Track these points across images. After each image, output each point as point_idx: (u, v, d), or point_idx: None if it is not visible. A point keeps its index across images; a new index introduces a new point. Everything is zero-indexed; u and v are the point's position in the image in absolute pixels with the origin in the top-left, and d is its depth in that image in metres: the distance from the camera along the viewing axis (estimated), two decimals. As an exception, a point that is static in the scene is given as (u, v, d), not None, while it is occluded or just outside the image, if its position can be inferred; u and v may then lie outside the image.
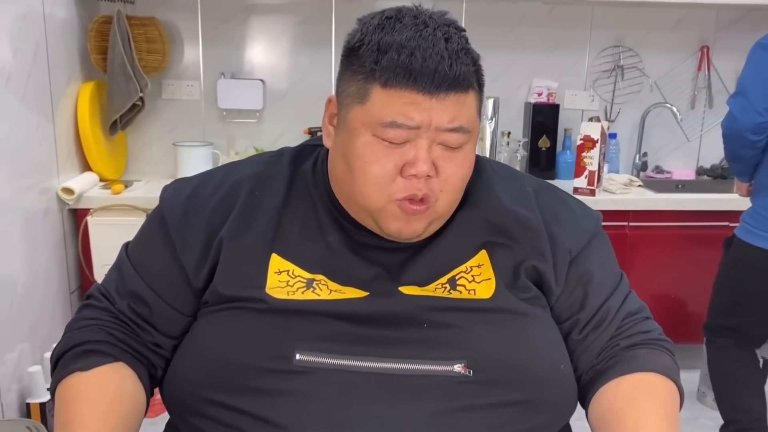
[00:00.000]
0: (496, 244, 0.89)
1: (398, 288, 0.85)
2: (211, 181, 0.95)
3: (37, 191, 2.39)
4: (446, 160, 0.82)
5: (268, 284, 0.85)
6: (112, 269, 0.96)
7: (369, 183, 0.81)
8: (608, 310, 0.92)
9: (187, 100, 3.04)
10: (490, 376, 0.81)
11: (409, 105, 0.78)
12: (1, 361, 2.11)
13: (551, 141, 3.13)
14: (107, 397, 0.83)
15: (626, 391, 0.86)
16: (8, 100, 2.16)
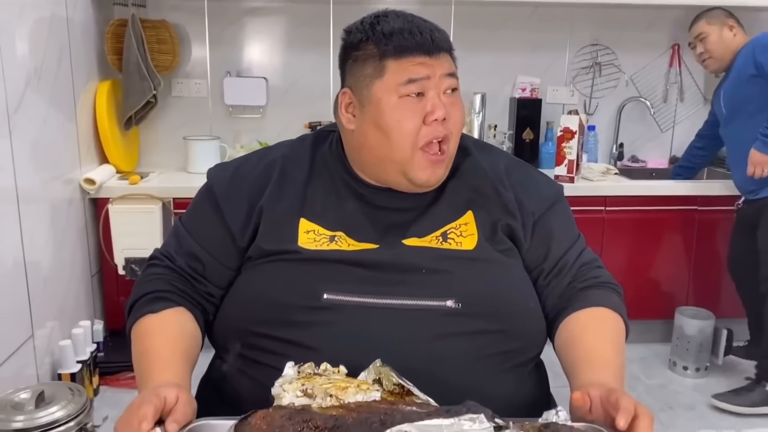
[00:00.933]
0: (479, 205, 1.13)
1: (402, 241, 1.08)
2: (249, 162, 1.19)
3: (61, 182, 2.60)
4: (451, 105, 1.07)
5: (299, 240, 1.08)
6: (170, 236, 1.18)
7: (403, 135, 1.05)
8: (567, 261, 1.14)
9: (196, 97, 3.25)
10: (475, 309, 1.03)
11: (418, 66, 1.05)
12: (35, 336, 2.32)
13: (534, 133, 3.36)
14: (174, 331, 1.05)
15: (581, 322, 1.07)
16: (38, 100, 2.37)
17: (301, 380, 0.91)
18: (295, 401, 0.87)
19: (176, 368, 0.99)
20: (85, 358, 2.52)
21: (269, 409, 0.84)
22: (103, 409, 2.56)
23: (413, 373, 0.92)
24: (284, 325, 1.03)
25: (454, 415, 0.73)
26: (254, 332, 1.05)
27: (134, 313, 1.09)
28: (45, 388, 1.99)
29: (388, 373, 0.92)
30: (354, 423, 0.77)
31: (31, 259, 2.28)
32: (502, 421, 0.74)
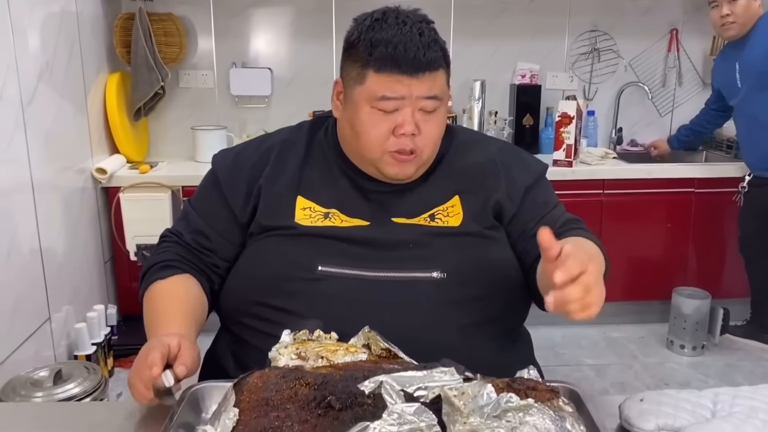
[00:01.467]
0: (466, 190, 1.20)
1: (391, 219, 1.16)
2: (249, 148, 1.28)
3: (74, 172, 2.70)
4: (425, 122, 1.11)
5: (296, 217, 1.16)
6: (180, 217, 1.28)
7: (370, 142, 1.12)
8: (552, 217, 1.19)
9: (203, 88, 3.34)
10: (458, 279, 1.11)
11: (395, 83, 1.07)
12: (52, 319, 2.42)
13: (534, 119, 3.42)
14: (180, 294, 1.14)
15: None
16: (51, 92, 2.46)
17: (296, 345, 0.99)
18: (290, 363, 0.96)
19: (180, 323, 1.08)
20: (100, 341, 2.62)
21: (266, 369, 0.93)
22: (119, 388, 2.67)
23: (401, 340, 0.99)
24: (282, 295, 1.11)
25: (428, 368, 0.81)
26: (255, 302, 1.13)
27: (145, 282, 1.18)
28: (62, 367, 2.11)
29: (375, 338, 1.01)
30: (341, 379, 0.86)
31: (47, 245, 2.38)
32: (471, 374, 0.82)
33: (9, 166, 2.15)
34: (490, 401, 0.78)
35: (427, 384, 0.79)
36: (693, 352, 3.03)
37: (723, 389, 1.00)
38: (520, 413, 0.77)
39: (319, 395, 0.84)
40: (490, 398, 0.78)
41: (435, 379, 0.80)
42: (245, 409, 0.85)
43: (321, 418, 0.81)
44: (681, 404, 0.95)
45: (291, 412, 0.83)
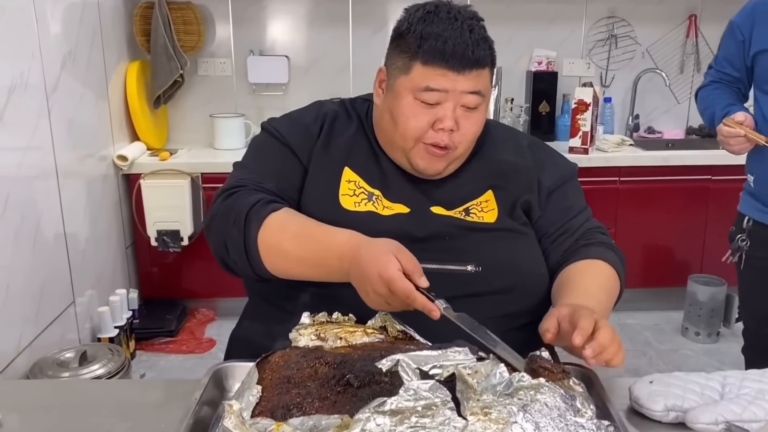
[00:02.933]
0: (499, 186, 1.23)
1: (430, 208, 1.18)
2: (304, 110, 1.26)
3: (96, 159, 2.76)
4: (465, 119, 1.11)
5: (341, 190, 1.16)
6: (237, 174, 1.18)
7: (407, 131, 1.12)
8: (573, 224, 1.23)
9: (221, 76, 3.37)
10: (492, 271, 1.12)
11: (441, 77, 1.08)
12: (76, 303, 2.49)
13: (551, 106, 3.42)
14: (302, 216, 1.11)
15: (577, 269, 1.16)
16: (74, 80, 2.51)
17: (315, 327, 1.03)
18: (310, 344, 0.99)
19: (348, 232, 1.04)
20: (122, 324, 2.68)
21: (287, 349, 0.97)
22: (141, 370, 2.74)
23: (430, 329, 1.00)
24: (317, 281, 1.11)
25: (443, 349, 0.84)
26: (289, 284, 1.13)
27: (251, 225, 1.07)
28: (87, 349, 2.17)
29: (392, 321, 1.04)
30: (359, 358, 0.89)
31: (71, 231, 2.44)
32: (484, 354, 0.85)
33: (34, 154, 2.20)
34: (502, 380, 0.81)
35: (442, 363, 0.82)
36: (708, 339, 3.04)
37: (731, 372, 1.02)
38: (532, 391, 0.79)
39: (338, 374, 0.88)
40: (502, 377, 0.81)
41: (449, 358, 0.83)
42: (268, 386, 0.89)
43: (340, 395, 0.85)
44: (690, 386, 0.98)
45: (311, 389, 0.87)
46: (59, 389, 1.20)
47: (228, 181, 1.19)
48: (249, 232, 1.07)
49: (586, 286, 1.12)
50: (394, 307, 0.97)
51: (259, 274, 1.11)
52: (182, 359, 2.84)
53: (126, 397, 1.07)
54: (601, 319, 0.93)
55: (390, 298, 0.96)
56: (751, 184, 1.93)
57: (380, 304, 0.98)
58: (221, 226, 1.11)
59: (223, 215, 1.12)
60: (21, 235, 2.09)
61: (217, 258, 1.16)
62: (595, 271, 1.16)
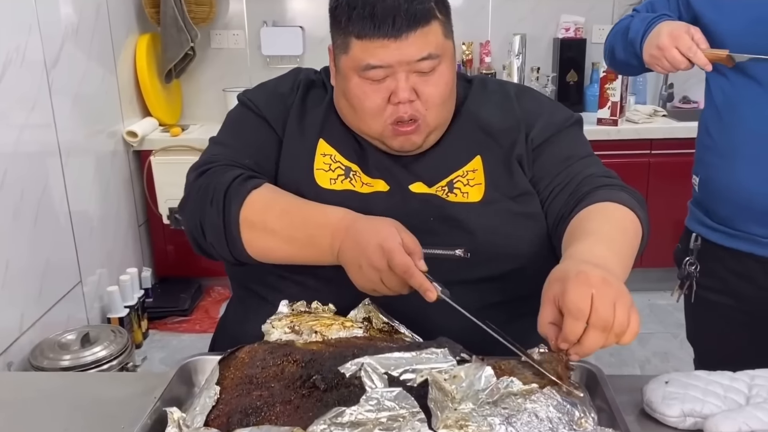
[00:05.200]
0: (488, 147, 1.08)
1: (409, 187, 1.06)
2: (279, 79, 1.16)
3: (105, 135, 2.69)
4: (423, 84, 0.98)
5: (315, 164, 1.05)
6: (211, 150, 1.09)
7: (366, 114, 1.00)
8: (570, 172, 1.04)
9: (234, 49, 3.28)
10: (483, 257, 1.00)
11: (379, 49, 0.94)
12: (85, 282, 2.44)
13: (579, 75, 3.24)
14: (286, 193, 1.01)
15: (580, 216, 0.96)
16: (78, 54, 2.44)
17: (291, 318, 0.93)
18: (283, 337, 0.90)
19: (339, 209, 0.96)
20: (133, 303, 2.64)
21: (255, 344, 0.87)
22: (153, 350, 2.71)
23: (421, 323, 0.92)
24: (295, 267, 1.02)
25: (421, 348, 0.74)
26: (268, 270, 1.04)
27: (232, 202, 0.98)
28: (90, 330, 2.13)
29: (376, 312, 0.94)
30: (329, 356, 0.79)
31: (77, 209, 2.38)
32: (468, 355, 0.74)
33: (33, 130, 2.14)
34: (488, 385, 0.70)
35: (415, 366, 0.72)
36: (744, 321, 2.87)
37: (760, 371, 0.89)
38: (520, 399, 0.69)
39: (305, 374, 0.78)
40: (488, 382, 0.71)
41: (424, 361, 0.72)
42: (228, 386, 0.80)
43: (305, 399, 0.75)
44: (711, 388, 0.86)
45: (275, 390, 0.78)
46: (20, 382, 1.13)
47: (201, 158, 1.09)
48: (229, 210, 0.98)
49: (590, 229, 0.92)
50: (388, 286, 0.88)
51: (238, 258, 1.01)
52: (195, 338, 2.79)
53: (91, 392, 0.99)
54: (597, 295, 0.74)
55: (385, 274, 0.87)
56: (696, 188, 1.47)
57: (373, 281, 0.88)
58: (196, 206, 1.02)
59: (199, 194, 1.02)
60: (20, 213, 2.03)
61: (191, 240, 1.06)
62: (604, 213, 0.96)
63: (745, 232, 1.35)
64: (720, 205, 1.38)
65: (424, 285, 0.86)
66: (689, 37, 1.31)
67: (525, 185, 1.07)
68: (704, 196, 1.43)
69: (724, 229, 1.38)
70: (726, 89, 1.34)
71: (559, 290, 0.76)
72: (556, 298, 0.77)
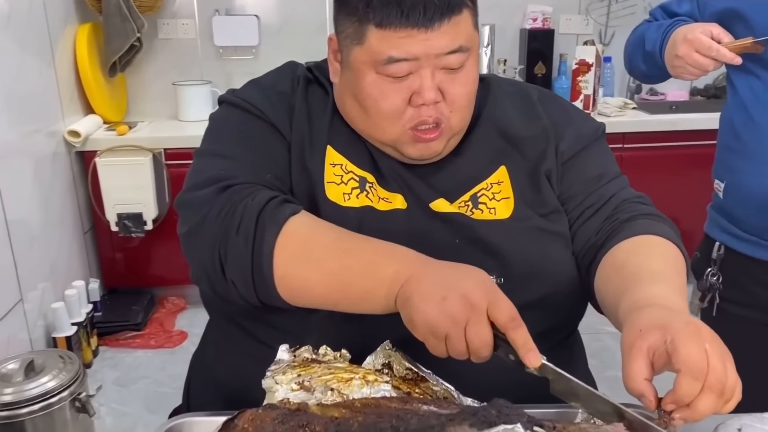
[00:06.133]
0: (513, 156, 0.96)
1: (428, 204, 0.91)
2: (281, 78, 0.97)
3: (44, 135, 2.44)
4: (450, 82, 0.85)
5: (326, 177, 0.89)
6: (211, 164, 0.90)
7: (382, 118, 0.87)
8: (603, 194, 0.95)
9: (184, 39, 3.05)
10: (517, 283, 0.88)
11: (404, 39, 0.81)
12: (26, 298, 2.20)
13: (547, 67, 3.15)
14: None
15: (629, 249, 0.87)
16: (10, 46, 2.18)
17: (297, 369, 0.77)
18: (290, 396, 0.74)
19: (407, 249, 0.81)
20: (81, 320, 2.41)
21: (258, 410, 0.71)
22: (105, 370, 2.48)
23: (446, 367, 0.77)
24: None
25: (483, 422, 0.59)
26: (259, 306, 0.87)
27: (269, 227, 0.81)
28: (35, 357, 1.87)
29: (398, 357, 0.79)
30: (360, 429, 0.64)
31: (14, 218, 2.14)
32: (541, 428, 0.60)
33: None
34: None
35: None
36: (719, 316, 2.84)
37: None
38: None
39: (331, 452, 0.63)
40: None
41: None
42: (232, 471, 0.64)
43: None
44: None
45: (293, 476, 0.62)
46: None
47: (200, 176, 0.89)
48: (262, 240, 0.80)
49: (655, 270, 0.83)
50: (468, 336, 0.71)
51: (263, 299, 0.83)
52: (151, 355, 2.57)
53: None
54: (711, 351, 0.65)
55: (477, 317, 0.71)
56: (720, 194, 1.36)
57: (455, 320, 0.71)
58: (217, 233, 0.82)
59: (219, 218, 0.83)
60: (-51, 229, 1.79)
61: (199, 276, 0.86)
62: (654, 250, 0.87)
63: None
64: (750, 213, 1.28)
65: (528, 344, 0.71)
66: (707, 35, 1.23)
67: (554, 202, 0.96)
68: (731, 202, 1.32)
69: (754, 239, 1.28)
70: (756, 87, 1.24)
71: (659, 341, 0.66)
72: (653, 351, 0.66)
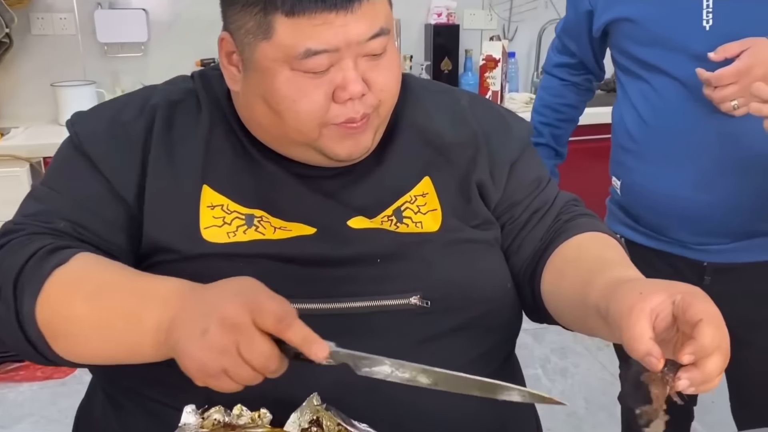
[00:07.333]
0: (439, 166, 0.87)
1: (346, 222, 0.81)
2: (127, 104, 0.84)
3: None
4: (374, 70, 0.76)
5: (202, 222, 0.77)
6: (22, 209, 0.81)
7: (302, 120, 0.75)
8: (547, 197, 0.93)
9: (62, 35, 2.78)
10: (446, 304, 0.79)
11: (321, 27, 0.71)
12: None
13: (453, 63, 3.11)
14: (110, 263, 0.73)
15: (575, 245, 0.86)
16: None
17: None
18: (200, 476, 0.60)
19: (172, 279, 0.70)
20: (-50, 355, 2.13)
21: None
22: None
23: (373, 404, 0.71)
24: None
25: None
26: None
27: (28, 287, 0.70)
28: None
29: (328, 414, 0.67)
30: None
31: None
32: None
33: None
34: None
35: None
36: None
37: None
38: None
39: None
40: None
41: None
42: None
43: None
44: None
45: None
46: None
47: (19, 212, 0.80)
48: (21, 303, 0.70)
49: (615, 259, 0.82)
50: (247, 358, 0.61)
51: (54, 360, 0.72)
52: (38, 388, 2.32)
53: None
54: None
55: (247, 336, 0.61)
56: (617, 191, 1.40)
57: (224, 351, 0.61)
58: None
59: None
60: None
61: None
62: (605, 243, 0.87)
63: (675, 239, 1.30)
64: (647, 212, 1.33)
65: (308, 337, 0.62)
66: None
67: (485, 213, 0.89)
68: (628, 200, 1.38)
69: (652, 234, 1.33)
70: (646, 92, 1.27)
71: (663, 303, 0.63)
72: (656, 313, 0.63)
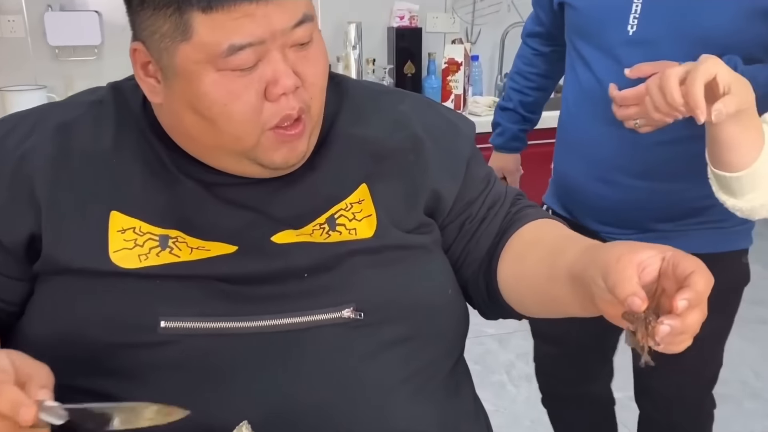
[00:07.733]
0: (380, 175, 0.82)
1: (270, 238, 0.75)
2: (17, 130, 0.77)
3: None
4: (303, 61, 0.71)
5: (111, 246, 0.71)
6: None
7: (237, 124, 0.70)
8: (497, 192, 0.91)
9: (10, 38, 2.69)
10: (382, 314, 0.75)
11: (242, 20, 0.66)
12: None
13: (416, 66, 3.08)
14: None
15: (531, 230, 0.86)
16: None
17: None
18: None
19: None
20: None
21: None
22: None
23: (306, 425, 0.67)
24: (105, 374, 0.69)
25: None
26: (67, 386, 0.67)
27: None
28: None
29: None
30: None
31: None
32: None
33: None
34: None
35: None
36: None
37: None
38: None
39: None
40: None
41: None
42: None
43: None
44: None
45: None
46: None
47: None
48: None
49: (577, 235, 0.83)
50: None
51: None
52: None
53: None
54: None
55: None
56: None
57: None
58: None
59: None
60: None
61: None
62: (561, 227, 0.89)
63: (587, 227, 1.37)
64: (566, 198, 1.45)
65: (18, 399, 0.57)
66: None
67: (421, 217, 0.84)
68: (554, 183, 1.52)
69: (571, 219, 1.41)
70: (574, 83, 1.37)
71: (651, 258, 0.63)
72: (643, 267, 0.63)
